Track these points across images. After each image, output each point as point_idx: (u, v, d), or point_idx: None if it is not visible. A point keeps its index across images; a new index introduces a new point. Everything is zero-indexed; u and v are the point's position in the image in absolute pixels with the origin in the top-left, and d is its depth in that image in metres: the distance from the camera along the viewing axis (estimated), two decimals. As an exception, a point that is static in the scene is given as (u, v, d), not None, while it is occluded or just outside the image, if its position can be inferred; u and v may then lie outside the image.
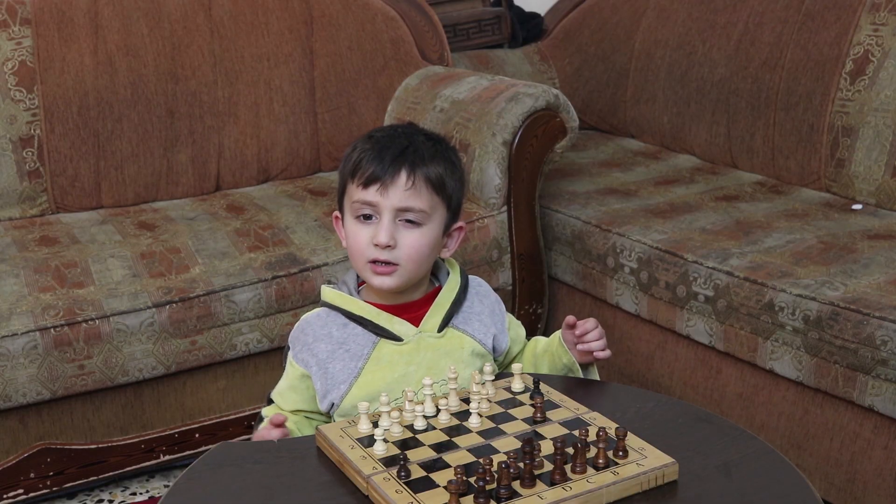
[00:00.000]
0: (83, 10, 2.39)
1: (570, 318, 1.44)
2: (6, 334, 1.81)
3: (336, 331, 1.39)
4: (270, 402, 1.46)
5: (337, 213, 1.45)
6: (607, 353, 1.44)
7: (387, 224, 1.33)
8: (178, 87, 2.45)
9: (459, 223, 1.44)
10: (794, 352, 1.83)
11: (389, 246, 1.33)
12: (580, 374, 1.46)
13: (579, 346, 1.43)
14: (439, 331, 1.39)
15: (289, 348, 1.43)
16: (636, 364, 2.22)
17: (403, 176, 1.33)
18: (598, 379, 1.49)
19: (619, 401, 1.38)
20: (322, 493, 1.16)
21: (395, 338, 1.37)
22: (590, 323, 1.43)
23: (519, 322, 1.56)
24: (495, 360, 1.48)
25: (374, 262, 1.35)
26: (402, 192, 1.33)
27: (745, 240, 2.08)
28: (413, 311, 1.40)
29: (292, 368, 1.41)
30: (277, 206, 2.33)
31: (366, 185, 1.34)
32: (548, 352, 1.49)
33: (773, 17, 2.53)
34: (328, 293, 1.42)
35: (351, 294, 1.41)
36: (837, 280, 1.84)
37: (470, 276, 1.48)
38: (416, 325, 1.39)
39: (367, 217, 1.35)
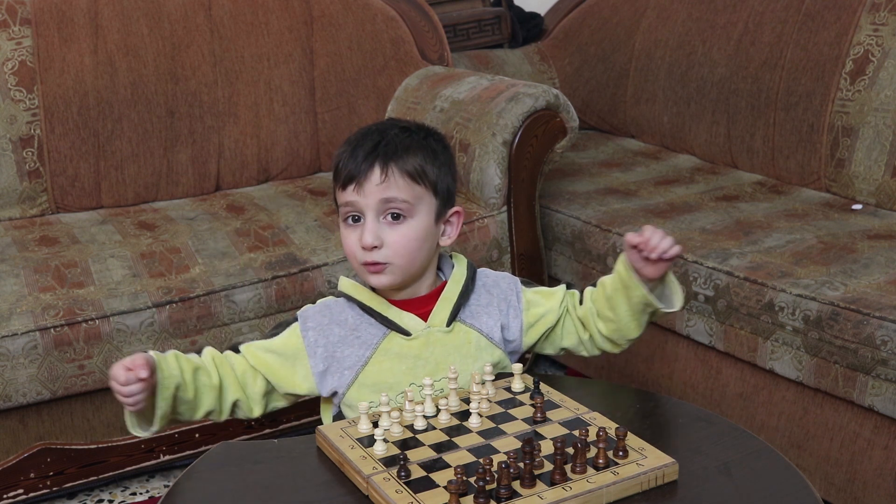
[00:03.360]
0: (83, 10, 2.39)
1: (630, 237, 1.32)
2: (6, 334, 1.81)
3: (351, 317, 1.39)
4: (235, 350, 1.39)
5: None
6: (678, 248, 1.33)
7: (370, 225, 1.32)
8: (178, 87, 2.45)
9: (456, 208, 1.41)
10: (794, 352, 1.83)
11: (376, 247, 1.32)
12: (659, 305, 1.36)
13: (652, 256, 1.32)
14: (447, 325, 1.39)
15: (296, 320, 1.41)
16: (636, 364, 2.22)
17: (377, 171, 1.32)
18: (680, 292, 1.39)
19: (619, 401, 1.38)
20: (322, 493, 1.16)
21: (404, 332, 1.37)
22: (647, 230, 1.33)
23: (550, 290, 1.47)
24: (524, 339, 1.44)
25: (366, 263, 1.35)
26: (375, 187, 1.31)
27: (745, 240, 2.08)
28: (420, 307, 1.39)
29: (292, 336, 1.38)
30: (277, 206, 2.33)
31: (344, 185, 1.33)
32: (619, 288, 1.38)
33: (773, 17, 2.53)
34: (345, 283, 1.42)
35: (366, 286, 1.41)
36: (837, 280, 1.84)
37: (478, 270, 1.47)
38: (425, 321, 1.39)
39: (356, 219, 1.35)
